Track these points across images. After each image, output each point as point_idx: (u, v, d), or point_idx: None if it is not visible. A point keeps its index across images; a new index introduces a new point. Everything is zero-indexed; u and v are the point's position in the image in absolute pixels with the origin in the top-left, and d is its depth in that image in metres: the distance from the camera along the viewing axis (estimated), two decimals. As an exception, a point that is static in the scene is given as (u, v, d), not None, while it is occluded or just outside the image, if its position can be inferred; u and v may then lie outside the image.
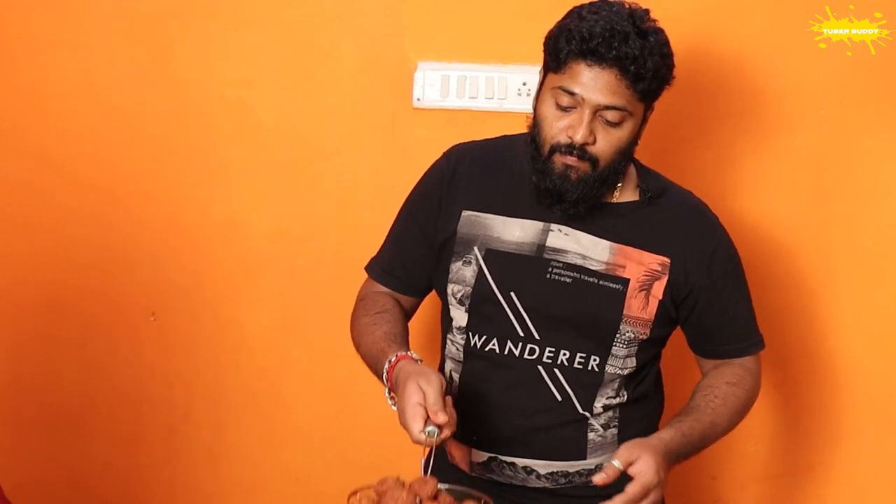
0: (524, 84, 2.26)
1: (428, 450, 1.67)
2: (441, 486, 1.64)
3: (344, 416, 2.41)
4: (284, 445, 2.42)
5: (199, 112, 2.33)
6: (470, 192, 1.88)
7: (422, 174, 1.96)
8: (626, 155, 1.81)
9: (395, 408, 1.71)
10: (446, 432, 1.64)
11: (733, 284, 1.91)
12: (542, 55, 1.81)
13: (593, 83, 1.73)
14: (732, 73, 2.32)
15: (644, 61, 1.72)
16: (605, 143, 1.77)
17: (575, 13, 1.77)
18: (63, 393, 2.41)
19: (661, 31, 1.77)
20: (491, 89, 2.27)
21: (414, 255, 1.93)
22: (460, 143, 1.95)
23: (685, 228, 1.87)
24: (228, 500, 2.44)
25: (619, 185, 1.86)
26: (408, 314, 1.98)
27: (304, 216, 2.35)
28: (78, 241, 2.37)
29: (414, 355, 1.76)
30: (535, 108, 1.82)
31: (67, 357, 2.40)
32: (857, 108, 2.33)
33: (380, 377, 1.79)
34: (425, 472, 1.67)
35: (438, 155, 2.09)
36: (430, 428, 1.63)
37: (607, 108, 1.74)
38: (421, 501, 1.60)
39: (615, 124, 1.76)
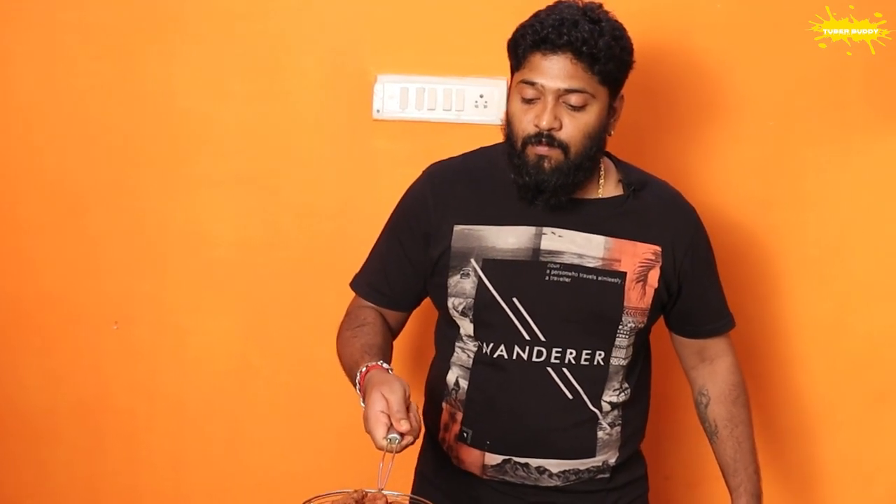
0: (481, 96, 2.30)
1: (386, 457, 1.69)
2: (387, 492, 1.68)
3: (307, 424, 2.43)
4: (247, 453, 2.44)
5: (162, 124, 2.35)
6: (458, 207, 1.92)
7: (393, 188, 2.00)
8: (596, 141, 1.86)
9: None
10: (408, 439, 1.68)
11: (709, 265, 2.03)
12: (498, 68, 1.88)
13: (550, 70, 1.81)
14: (687, 79, 2.35)
15: (595, 42, 1.79)
16: (573, 128, 1.83)
17: (533, 15, 1.86)
18: (25, 401, 2.41)
19: (613, 19, 1.86)
20: (449, 101, 2.30)
21: (398, 273, 1.98)
22: (438, 162, 2.00)
23: (669, 216, 1.96)
24: (191, 507, 2.46)
25: (602, 180, 1.93)
26: (395, 328, 2.02)
27: (266, 226, 2.37)
28: (41, 250, 2.38)
29: (385, 365, 1.80)
30: (506, 112, 1.89)
31: (29, 365, 2.40)
32: (803, 119, 2.36)
33: (355, 387, 1.82)
34: (381, 480, 1.69)
35: (398, 165, 2.12)
36: (392, 435, 1.67)
37: (568, 91, 1.81)
38: None
39: (579, 108, 1.83)
